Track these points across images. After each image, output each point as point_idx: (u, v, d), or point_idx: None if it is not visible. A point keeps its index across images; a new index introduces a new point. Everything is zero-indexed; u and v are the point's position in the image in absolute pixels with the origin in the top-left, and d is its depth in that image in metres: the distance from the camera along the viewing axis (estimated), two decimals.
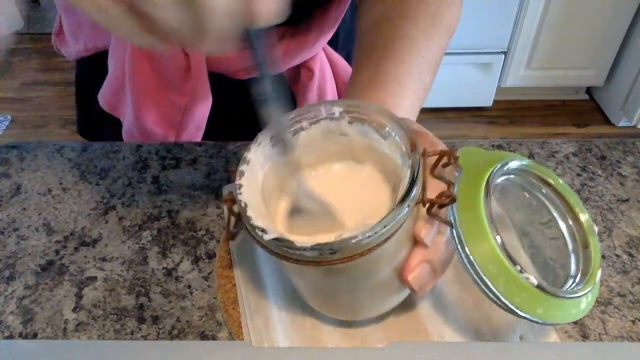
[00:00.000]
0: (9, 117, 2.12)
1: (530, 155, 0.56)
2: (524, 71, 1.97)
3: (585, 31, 1.86)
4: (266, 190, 0.35)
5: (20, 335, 0.40)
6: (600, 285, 0.43)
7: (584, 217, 0.37)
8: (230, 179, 0.52)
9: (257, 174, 0.35)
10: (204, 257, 0.45)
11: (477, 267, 0.32)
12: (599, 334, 0.40)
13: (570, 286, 0.35)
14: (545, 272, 0.39)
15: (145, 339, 0.40)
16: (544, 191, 0.38)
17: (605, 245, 0.47)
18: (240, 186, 0.33)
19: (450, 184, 0.32)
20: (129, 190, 0.52)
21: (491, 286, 0.32)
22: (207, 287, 0.43)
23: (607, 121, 2.06)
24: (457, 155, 0.33)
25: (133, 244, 0.47)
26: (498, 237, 0.32)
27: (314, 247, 0.29)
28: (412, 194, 0.30)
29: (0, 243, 0.47)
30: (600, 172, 0.54)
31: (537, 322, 0.33)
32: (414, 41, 0.47)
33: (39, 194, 0.52)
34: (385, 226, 0.29)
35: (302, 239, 0.30)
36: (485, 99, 2.07)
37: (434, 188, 0.32)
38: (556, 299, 0.33)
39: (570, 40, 1.88)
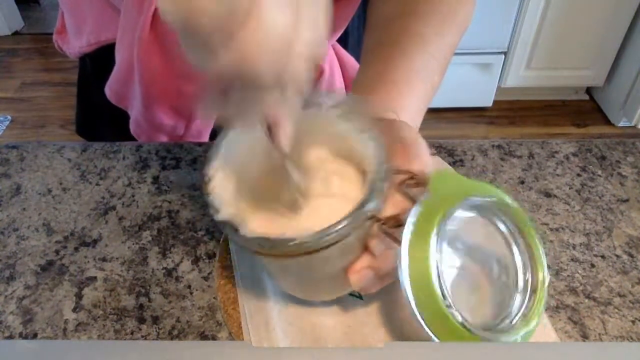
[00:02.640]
0: (9, 117, 2.12)
1: (530, 156, 0.56)
2: (524, 71, 1.97)
3: (585, 31, 1.86)
4: (242, 163, 0.35)
5: (20, 335, 0.40)
6: (600, 285, 0.43)
7: (541, 267, 0.37)
8: None
9: (234, 147, 0.35)
10: (204, 257, 0.45)
11: (409, 290, 0.32)
12: (599, 334, 0.40)
13: (505, 326, 0.36)
14: (491, 305, 0.39)
15: (145, 339, 0.40)
16: (510, 230, 0.38)
17: (605, 245, 0.47)
18: (212, 159, 0.34)
19: (411, 203, 0.32)
20: (129, 190, 0.52)
21: (417, 312, 0.32)
22: (207, 287, 0.43)
23: (607, 121, 2.05)
24: (426, 180, 0.33)
25: (133, 244, 0.47)
26: (437, 266, 0.32)
27: (253, 239, 0.30)
28: (364, 210, 0.30)
29: (0, 243, 0.47)
30: (600, 172, 0.54)
31: None
32: (425, 39, 0.46)
33: (39, 194, 0.52)
34: (328, 235, 0.29)
35: (252, 226, 0.31)
36: (485, 99, 2.07)
37: (395, 204, 0.32)
38: (476, 338, 0.33)
39: (570, 40, 1.88)
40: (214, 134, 0.63)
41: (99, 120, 0.71)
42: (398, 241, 0.32)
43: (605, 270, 0.45)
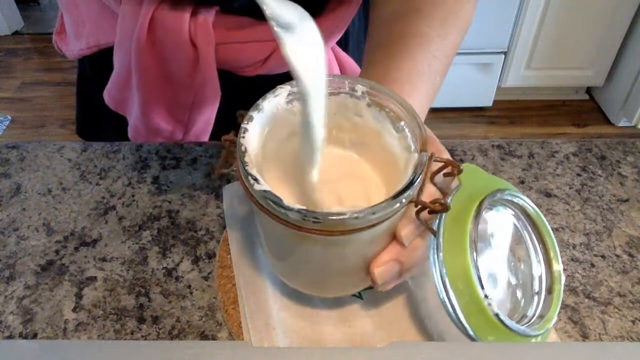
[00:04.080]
0: (9, 117, 2.12)
1: (530, 155, 0.56)
2: (524, 71, 1.97)
3: (585, 31, 1.86)
4: (268, 140, 0.36)
5: (20, 335, 0.40)
6: (600, 285, 0.43)
7: (557, 265, 0.38)
8: (230, 180, 0.52)
9: (264, 124, 0.35)
10: (204, 257, 0.45)
11: (446, 280, 0.32)
12: (599, 334, 0.40)
13: (524, 325, 0.36)
14: (509, 304, 0.39)
15: (145, 339, 0.40)
16: (529, 229, 0.38)
17: (605, 245, 0.47)
18: (246, 130, 0.33)
19: (446, 193, 0.32)
20: (129, 190, 0.52)
21: (454, 301, 0.32)
22: (207, 287, 0.43)
23: (607, 121, 2.05)
24: (460, 170, 0.33)
25: (133, 244, 0.47)
26: (474, 258, 0.32)
27: (299, 210, 0.29)
28: (409, 192, 0.30)
29: (0, 243, 0.47)
30: (600, 172, 0.54)
31: None
32: (428, 40, 0.46)
33: (39, 194, 0.52)
34: (374, 213, 0.29)
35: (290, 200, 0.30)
36: (485, 99, 2.07)
37: (429, 194, 0.32)
38: (509, 332, 0.33)
39: (570, 40, 1.88)
40: (213, 137, 0.63)
41: (99, 121, 0.71)
42: (432, 230, 0.33)
43: (605, 270, 0.45)
